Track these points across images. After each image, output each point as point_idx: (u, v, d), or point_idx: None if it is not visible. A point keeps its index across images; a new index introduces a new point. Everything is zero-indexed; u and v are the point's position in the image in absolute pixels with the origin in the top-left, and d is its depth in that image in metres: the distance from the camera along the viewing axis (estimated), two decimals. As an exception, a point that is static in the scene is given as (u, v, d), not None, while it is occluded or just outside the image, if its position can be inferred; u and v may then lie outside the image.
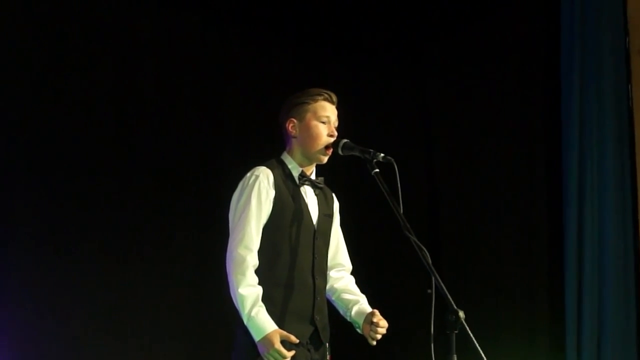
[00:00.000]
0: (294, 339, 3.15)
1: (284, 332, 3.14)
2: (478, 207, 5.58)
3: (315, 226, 3.33)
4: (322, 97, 3.34)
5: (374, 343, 3.27)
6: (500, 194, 5.56)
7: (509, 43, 5.58)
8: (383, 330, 3.26)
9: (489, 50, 5.60)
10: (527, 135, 5.56)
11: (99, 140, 4.64)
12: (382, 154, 3.18)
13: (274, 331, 3.11)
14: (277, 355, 3.10)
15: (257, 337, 3.12)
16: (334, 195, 3.48)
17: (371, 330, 3.26)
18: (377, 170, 3.16)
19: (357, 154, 3.25)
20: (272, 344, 3.09)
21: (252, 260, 3.18)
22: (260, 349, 3.12)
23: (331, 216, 3.41)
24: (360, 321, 3.33)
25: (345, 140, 3.32)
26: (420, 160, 5.71)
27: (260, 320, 3.12)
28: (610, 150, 5.36)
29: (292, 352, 3.14)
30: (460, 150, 5.65)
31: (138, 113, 4.77)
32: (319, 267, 3.32)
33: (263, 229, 3.23)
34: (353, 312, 3.38)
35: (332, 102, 3.36)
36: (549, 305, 5.42)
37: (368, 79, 5.58)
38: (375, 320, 3.25)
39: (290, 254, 3.24)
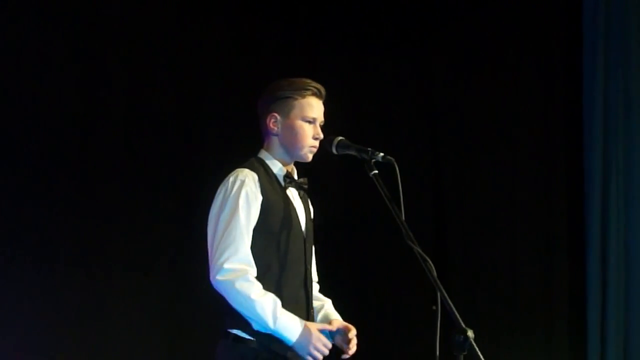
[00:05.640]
0: (328, 326, 3.20)
1: (319, 325, 3.19)
2: (490, 214, 5.59)
3: (304, 233, 3.30)
4: (309, 92, 3.26)
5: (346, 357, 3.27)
6: (514, 199, 5.59)
7: (525, 31, 5.60)
8: (354, 342, 3.25)
9: (502, 40, 5.62)
10: (544, 134, 5.58)
11: (67, 139, 4.68)
12: (381, 154, 3.16)
13: (309, 323, 3.13)
14: (322, 348, 3.10)
15: (293, 337, 3.09)
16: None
17: (345, 344, 3.25)
18: (376, 171, 3.13)
19: (353, 153, 3.22)
20: (317, 337, 3.10)
21: (254, 272, 3.14)
22: (303, 346, 3.09)
23: (313, 221, 3.40)
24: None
25: (339, 138, 3.29)
26: (425, 160, 5.70)
27: (290, 318, 3.10)
28: (638, 145, 5.38)
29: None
30: (469, 150, 5.65)
31: (108, 108, 4.80)
32: (310, 277, 3.31)
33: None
34: (319, 319, 3.35)
35: (320, 96, 3.29)
36: (569, 325, 5.45)
37: (365, 69, 5.57)
38: (350, 337, 3.24)
39: (282, 265, 3.20)
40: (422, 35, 5.69)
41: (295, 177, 3.34)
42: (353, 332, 3.26)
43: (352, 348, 3.25)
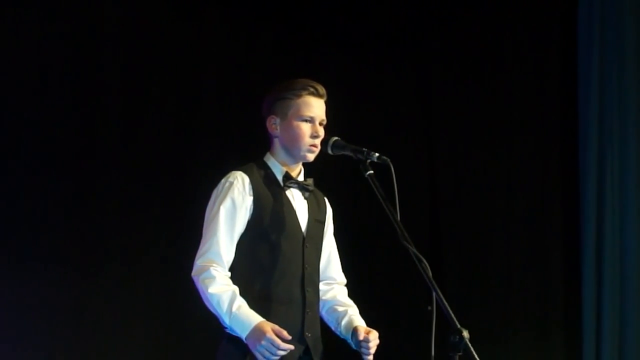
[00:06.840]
0: (286, 334, 3.11)
1: (276, 326, 3.11)
2: (485, 214, 5.61)
3: (305, 233, 3.32)
4: (306, 92, 3.29)
5: (370, 359, 3.27)
6: (509, 198, 5.62)
7: (521, 33, 5.64)
8: (373, 344, 3.25)
9: (499, 42, 5.65)
10: (540, 133, 5.61)
11: (60, 138, 4.71)
12: (376, 154, 3.18)
13: (263, 322, 3.10)
14: (270, 347, 3.07)
15: (244, 332, 3.10)
16: (326, 199, 3.47)
17: (362, 347, 3.26)
18: (371, 171, 3.15)
19: (348, 153, 3.25)
20: (263, 333, 3.07)
21: (222, 270, 3.18)
22: (251, 343, 3.10)
23: (323, 222, 3.41)
24: (349, 336, 3.34)
25: (335, 138, 3.30)
26: (420, 161, 5.70)
27: (244, 314, 3.11)
28: (633, 148, 5.40)
29: (289, 346, 3.11)
30: (465, 150, 5.67)
31: (103, 109, 4.83)
32: (310, 278, 3.31)
33: (242, 239, 3.24)
34: (342, 327, 3.38)
35: (319, 95, 3.31)
36: (564, 326, 5.48)
37: (362, 70, 5.57)
38: (361, 339, 3.26)
39: (275, 264, 3.23)
40: (419, 37, 5.69)
41: (301, 178, 3.36)
42: (373, 335, 3.26)
43: (372, 345, 3.24)
